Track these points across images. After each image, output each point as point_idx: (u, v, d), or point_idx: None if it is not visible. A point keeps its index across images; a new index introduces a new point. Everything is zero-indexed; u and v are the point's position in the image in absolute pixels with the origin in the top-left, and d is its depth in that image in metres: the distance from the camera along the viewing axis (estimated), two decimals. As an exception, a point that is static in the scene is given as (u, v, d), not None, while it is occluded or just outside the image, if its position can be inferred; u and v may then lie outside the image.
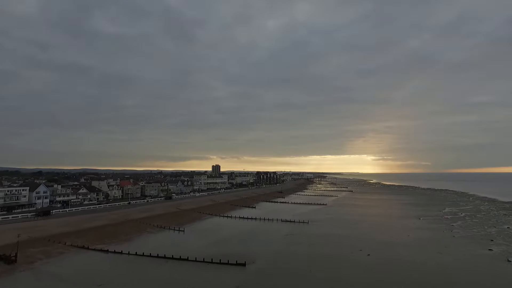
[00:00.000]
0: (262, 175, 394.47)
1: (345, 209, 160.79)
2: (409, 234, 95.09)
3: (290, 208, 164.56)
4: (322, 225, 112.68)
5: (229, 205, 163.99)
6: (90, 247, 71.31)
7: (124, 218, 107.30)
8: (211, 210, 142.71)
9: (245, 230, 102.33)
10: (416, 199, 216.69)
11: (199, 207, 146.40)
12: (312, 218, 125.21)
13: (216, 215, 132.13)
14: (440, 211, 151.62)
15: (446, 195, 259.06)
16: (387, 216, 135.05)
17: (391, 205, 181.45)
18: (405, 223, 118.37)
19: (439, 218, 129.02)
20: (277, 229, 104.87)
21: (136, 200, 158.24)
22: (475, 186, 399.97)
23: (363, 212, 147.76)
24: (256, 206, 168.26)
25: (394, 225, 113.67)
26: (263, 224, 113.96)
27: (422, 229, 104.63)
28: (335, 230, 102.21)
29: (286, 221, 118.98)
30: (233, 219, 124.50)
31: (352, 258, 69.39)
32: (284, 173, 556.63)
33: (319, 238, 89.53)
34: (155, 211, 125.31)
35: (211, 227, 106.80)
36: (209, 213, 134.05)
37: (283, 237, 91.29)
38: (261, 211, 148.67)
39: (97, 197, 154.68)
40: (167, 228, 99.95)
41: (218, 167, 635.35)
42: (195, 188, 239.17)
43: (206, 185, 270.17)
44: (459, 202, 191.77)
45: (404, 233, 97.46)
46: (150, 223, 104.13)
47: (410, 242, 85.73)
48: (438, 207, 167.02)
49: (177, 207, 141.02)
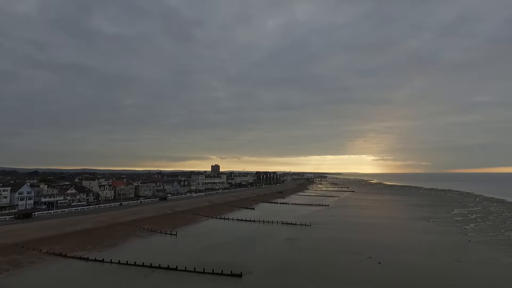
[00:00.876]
0: (261, 175, 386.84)
1: (349, 210, 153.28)
2: (420, 238, 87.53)
3: (291, 209, 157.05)
4: (326, 228, 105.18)
5: (227, 206, 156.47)
6: (69, 254, 63.79)
7: (112, 220, 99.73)
8: (208, 211, 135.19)
9: (243, 234, 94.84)
10: (421, 200, 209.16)
11: (195, 209, 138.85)
12: (315, 220, 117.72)
13: (212, 217, 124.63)
14: (449, 213, 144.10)
15: (452, 195, 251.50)
16: (394, 218, 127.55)
17: (396, 206, 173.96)
18: (413, 225, 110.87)
19: (449, 220, 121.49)
20: (277, 232, 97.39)
21: (129, 201, 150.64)
22: (478, 186, 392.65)
23: (367, 214, 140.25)
24: (255, 207, 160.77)
25: (402, 228, 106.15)
26: (262, 227, 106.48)
27: (433, 233, 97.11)
28: (340, 234, 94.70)
29: (287, 223, 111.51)
30: (230, 222, 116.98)
31: (361, 267, 61.88)
32: (284, 173, 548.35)
33: (323, 243, 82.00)
34: (147, 213, 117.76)
35: (206, 230, 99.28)
36: (205, 215, 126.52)
37: (284, 242, 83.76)
38: (260, 213, 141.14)
39: (87, 198, 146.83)
40: (158, 232, 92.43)
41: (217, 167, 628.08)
42: (193, 188, 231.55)
43: (204, 185, 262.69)
44: (467, 203, 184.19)
45: (415, 237, 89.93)
46: (140, 226, 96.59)
47: (423, 247, 78.19)
48: (446, 208, 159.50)
49: (171, 209, 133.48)
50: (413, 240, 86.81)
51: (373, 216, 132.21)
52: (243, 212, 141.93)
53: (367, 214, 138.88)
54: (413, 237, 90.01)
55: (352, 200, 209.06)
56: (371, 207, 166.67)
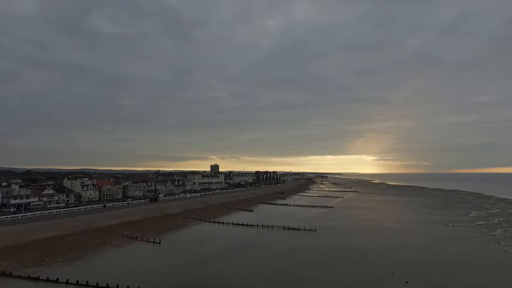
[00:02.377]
0: (261, 175, 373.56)
1: (356, 212, 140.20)
2: (446, 248, 74.39)
3: (293, 211, 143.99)
4: (333, 234, 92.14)
5: (223, 208, 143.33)
6: (15, 273, 50.59)
7: (88, 225, 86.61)
8: (201, 214, 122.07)
9: (238, 241, 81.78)
10: (431, 201, 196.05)
11: (187, 211, 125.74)
12: (320, 225, 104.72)
13: (205, 220, 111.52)
14: (466, 216, 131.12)
15: (462, 196, 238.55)
16: (407, 222, 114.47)
17: (406, 207, 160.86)
18: (433, 231, 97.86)
19: (470, 225, 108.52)
20: (278, 239, 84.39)
21: (115, 203, 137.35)
22: (485, 186, 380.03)
23: (377, 217, 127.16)
24: (254, 209, 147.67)
25: (421, 234, 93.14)
26: (261, 233, 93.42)
27: (458, 240, 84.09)
28: (350, 241, 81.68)
29: (289, 228, 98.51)
30: (225, 226, 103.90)
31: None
32: (285, 173, 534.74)
33: (333, 254, 68.96)
34: (131, 216, 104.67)
35: (196, 237, 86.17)
36: (197, 218, 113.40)
37: (286, 252, 70.71)
38: (259, 216, 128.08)
39: (67, 199, 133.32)
40: (139, 239, 79.34)
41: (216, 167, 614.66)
42: (187, 188, 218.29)
43: (200, 186, 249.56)
44: (482, 205, 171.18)
45: (439, 246, 76.93)
46: (120, 232, 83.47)
47: (454, 260, 65.19)
48: (461, 211, 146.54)
49: (161, 211, 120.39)
50: (438, 249, 73.81)
51: (384, 220, 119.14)
52: (241, 215, 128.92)
53: (376, 217, 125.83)
54: (437, 246, 76.98)
55: (357, 201, 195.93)
56: (379, 209, 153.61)
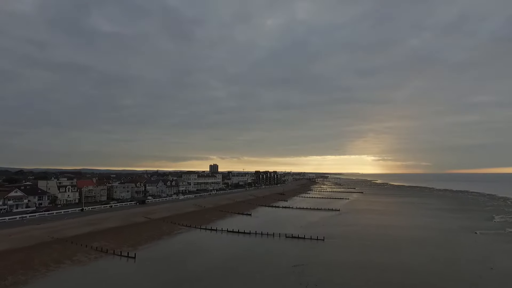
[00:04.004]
0: (261, 175, 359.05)
1: (366, 216, 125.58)
2: (492, 267, 59.70)
3: (296, 215, 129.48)
4: (345, 244, 77.62)
5: (218, 212, 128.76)
6: None
7: (51, 235, 72.06)
8: (191, 219, 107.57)
9: (232, 254, 67.31)
10: (444, 203, 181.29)
11: (176, 215, 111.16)
12: (328, 232, 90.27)
13: (196, 227, 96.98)
14: (491, 221, 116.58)
15: (474, 197, 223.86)
16: (429, 229, 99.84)
17: (419, 210, 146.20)
18: (460, 240, 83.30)
19: (502, 233, 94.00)
20: (280, 252, 69.94)
21: (96, 206, 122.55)
22: (493, 187, 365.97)
23: (390, 222, 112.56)
24: (253, 213, 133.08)
25: (447, 243, 78.58)
26: (260, 243, 78.90)
27: (498, 254, 69.54)
28: (367, 255, 67.15)
29: (293, 237, 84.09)
30: (218, 234, 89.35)
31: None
32: (285, 173, 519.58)
33: (350, 273, 54.40)
34: (109, 223, 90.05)
35: (181, 249, 71.68)
36: (187, 224, 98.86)
37: (291, 271, 56.14)
38: (258, 221, 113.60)
39: (39, 202, 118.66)
40: (111, 253, 64.84)
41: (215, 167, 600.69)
42: (181, 189, 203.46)
43: (196, 186, 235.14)
44: (502, 208, 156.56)
45: (479, 262, 62.43)
46: (89, 243, 68.96)
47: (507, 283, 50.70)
48: (483, 214, 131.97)
49: (146, 216, 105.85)
50: (479, 266, 59.35)
51: (400, 226, 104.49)
52: (237, 220, 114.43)
53: (390, 222, 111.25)
54: (477, 262, 62.47)
55: (364, 203, 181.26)
56: (390, 212, 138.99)
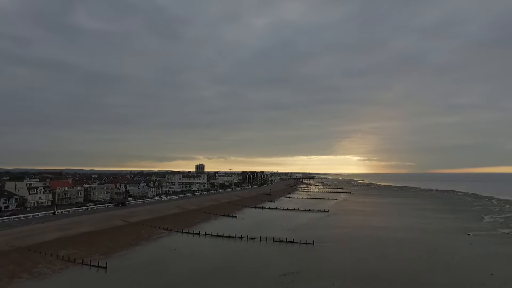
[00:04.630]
0: (248, 175, 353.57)
1: (356, 218, 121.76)
2: (492, 273, 55.86)
3: (283, 216, 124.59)
4: (337, 249, 72.97)
5: (202, 214, 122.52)
6: None
7: (12, 244, 64.49)
8: (173, 222, 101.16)
9: (215, 262, 61.57)
10: (431, 203, 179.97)
11: (157, 218, 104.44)
12: (318, 235, 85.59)
13: (177, 230, 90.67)
14: (481, 221, 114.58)
15: (461, 197, 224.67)
16: (420, 230, 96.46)
17: (408, 211, 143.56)
18: (455, 243, 79.89)
19: (494, 234, 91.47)
20: (267, 258, 64.64)
21: (71, 208, 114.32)
22: (477, 186, 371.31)
23: (382, 223, 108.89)
24: (238, 214, 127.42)
25: (443, 247, 74.90)
26: (245, 248, 73.41)
27: (494, 257, 66.14)
28: (361, 262, 62.57)
29: (280, 241, 78.90)
30: (201, 239, 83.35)
31: None
32: (272, 173, 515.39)
33: (347, 283, 49.49)
34: (82, 227, 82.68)
35: (159, 256, 65.37)
36: (168, 228, 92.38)
37: (279, 281, 50.83)
38: (244, 223, 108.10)
39: (5, 205, 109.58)
40: (79, 262, 58.04)
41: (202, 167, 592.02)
42: (165, 190, 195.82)
43: (180, 187, 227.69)
44: (489, 207, 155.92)
45: (478, 267, 58.74)
46: (55, 252, 61.86)
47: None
48: (472, 215, 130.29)
49: (124, 219, 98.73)
50: (480, 272, 55.49)
51: (392, 228, 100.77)
52: (222, 222, 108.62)
53: (381, 224, 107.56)
54: (476, 267, 58.73)
55: (353, 203, 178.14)
56: (380, 213, 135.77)
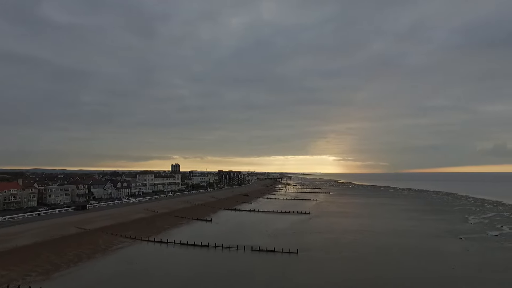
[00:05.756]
0: (224, 175, 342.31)
1: (339, 221, 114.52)
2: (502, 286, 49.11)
3: (262, 220, 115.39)
4: (324, 258, 64.43)
5: (172, 218, 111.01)
6: None
7: None
8: (138, 229, 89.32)
9: (182, 278, 51.19)
10: (414, 203, 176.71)
11: (120, 224, 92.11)
12: (301, 242, 76.96)
13: (142, 239, 79.09)
14: (467, 222, 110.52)
15: (438, 196, 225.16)
16: (410, 235, 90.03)
17: (393, 212, 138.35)
18: (450, 249, 73.52)
19: (485, 237, 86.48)
20: (245, 272, 55.17)
21: (17, 215, 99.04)
22: (449, 185, 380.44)
23: (367, 227, 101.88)
24: (213, 218, 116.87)
25: (439, 255, 68.22)
26: (220, 260, 63.47)
27: (497, 267, 59.93)
28: (352, 273, 54.31)
29: (261, 250, 69.43)
30: (169, 249, 72.38)
31: None
32: (249, 173, 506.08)
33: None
34: (22, 239, 69.36)
35: (115, 271, 54.01)
36: (132, 236, 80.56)
37: (261, 306, 41.33)
38: (219, 228, 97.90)
39: None
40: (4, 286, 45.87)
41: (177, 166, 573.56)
42: (134, 191, 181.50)
43: (152, 187, 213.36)
44: (470, 207, 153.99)
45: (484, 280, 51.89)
46: (-21, 272, 49.18)
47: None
48: (455, 216, 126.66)
49: (80, 226, 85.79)
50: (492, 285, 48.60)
51: (380, 232, 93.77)
52: (195, 228, 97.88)
53: (367, 227, 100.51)
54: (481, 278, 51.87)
55: (334, 205, 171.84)
56: (363, 215, 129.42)
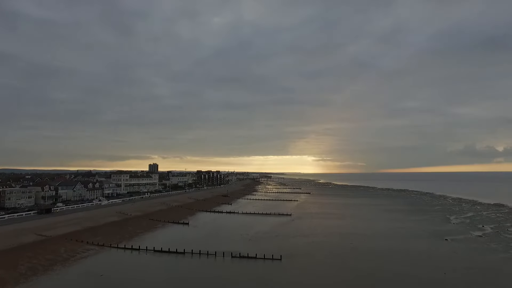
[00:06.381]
0: (203, 175, 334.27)
1: (322, 223, 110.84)
2: None
3: (242, 222, 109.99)
4: (309, 265, 59.92)
5: (146, 222, 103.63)
6: None
7: None
8: (108, 234, 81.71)
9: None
10: (395, 203, 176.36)
11: (88, 229, 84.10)
12: (284, 247, 72.23)
13: (111, 246, 71.74)
14: (449, 223, 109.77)
15: (417, 196, 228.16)
16: (396, 237, 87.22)
17: (375, 213, 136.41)
18: (437, 251, 70.90)
19: (470, 238, 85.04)
20: (223, 282, 49.63)
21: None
22: (426, 185, 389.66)
23: (352, 229, 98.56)
24: (191, 221, 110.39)
25: (427, 258, 65.30)
26: (197, 269, 57.59)
27: (492, 272, 57.43)
28: (345, 284, 50.01)
29: (241, 257, 63.97)
30: (140, 257, 65.59)
31: None
32: (229, 173, 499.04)
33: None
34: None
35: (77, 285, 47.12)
36: (99, 243, 72.96)
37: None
38: (197, 232, 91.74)
39: None
40: None
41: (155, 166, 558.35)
42: (107, 192, 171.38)
43: (127, 188, 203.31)
44: (449, 207, 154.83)
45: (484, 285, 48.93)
46: None
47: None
48: (437, 216, 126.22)
49: (41, 232, 77.24)
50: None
51: (365, 234, 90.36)
52: (171, 232, 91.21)
53: (351, 229, 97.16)
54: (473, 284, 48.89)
55: (315, 205, 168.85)
56: (346, 216, 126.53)
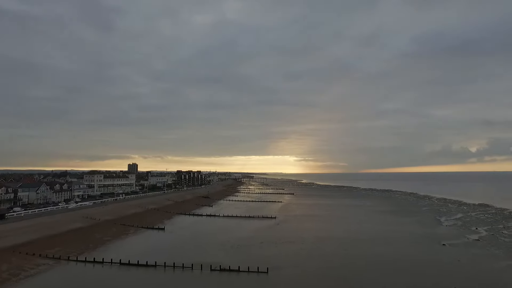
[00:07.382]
0: (183, 175, 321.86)
1: (309, 226, 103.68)
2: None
3: (224, 226, 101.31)
4: (300, 280, 52.13)
5: (117, 227, 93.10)
6: None
7: None
8: (68, 243, 71.07)
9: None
10: (381, 204, 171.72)
11: (45, 238, 73.07)
12: (270, 256, 64.27)
13: (69, 258, 61.36)
14: (440, 224, 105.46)
15: (402, 196, 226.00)
16: (390, 242, 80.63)
17: (364, 215, 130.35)
18: (440, 259, 64.60)
19: (467, 242, 79.84)
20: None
21: None
22: (408, 185, 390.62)
23: (342, 233, 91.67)
24: (167, 225, 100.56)
25: (432, 267, 58.87)
26: (168, 284, 48.75)
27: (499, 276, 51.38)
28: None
29: (222, 269, 55.34)
30: (104, 270, 55.77)
31: None
32: (210, 173, 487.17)
33: None
34: None
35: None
36: (54, 256, 62.33)
37: None
38: (173, 239, 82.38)
39: None
40: None
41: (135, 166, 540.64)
42: (77, 194, 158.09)
43: (101, 189, 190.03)
44: (437, 208, 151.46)
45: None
46: None
47: None
48: (426, 217, 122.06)
49: (-13, 242, 65.80)
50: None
51: (358, 239, 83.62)
52: (143, 239, 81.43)
53: (342, 233, 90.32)
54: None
55: (301, 207, 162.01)
56: (334, 219, 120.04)
